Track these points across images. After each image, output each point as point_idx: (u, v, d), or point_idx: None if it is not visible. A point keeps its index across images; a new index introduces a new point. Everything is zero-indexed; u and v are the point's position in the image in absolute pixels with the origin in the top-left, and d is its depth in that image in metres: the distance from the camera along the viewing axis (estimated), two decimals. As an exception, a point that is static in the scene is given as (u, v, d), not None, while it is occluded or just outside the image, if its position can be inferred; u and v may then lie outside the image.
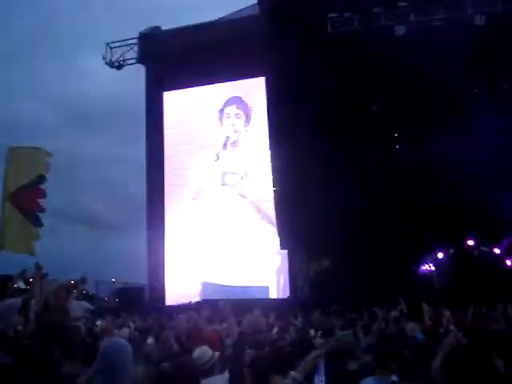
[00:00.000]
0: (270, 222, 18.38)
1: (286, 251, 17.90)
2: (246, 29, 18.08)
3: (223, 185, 19.28)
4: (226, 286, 18.28)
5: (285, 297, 17.92)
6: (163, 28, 21.86)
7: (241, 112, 19.69)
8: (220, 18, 20.82)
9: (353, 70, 15.82)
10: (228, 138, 19.26)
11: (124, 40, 21.51)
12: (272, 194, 18.38)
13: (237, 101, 19.90)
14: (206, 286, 18.76)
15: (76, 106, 62.21)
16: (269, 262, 18.40)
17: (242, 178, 18.98)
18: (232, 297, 16.82)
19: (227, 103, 19.98)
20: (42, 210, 7.36)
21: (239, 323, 6.84)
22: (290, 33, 15.79)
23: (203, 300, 16.55)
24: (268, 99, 18.50)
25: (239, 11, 20.09)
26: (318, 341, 7.27)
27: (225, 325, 6.95)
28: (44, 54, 65.13)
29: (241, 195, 18.98)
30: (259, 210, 18.68)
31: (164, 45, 20.68)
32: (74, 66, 69.79)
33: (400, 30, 15.60)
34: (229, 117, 19.75)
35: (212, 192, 19.50)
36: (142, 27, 21.86)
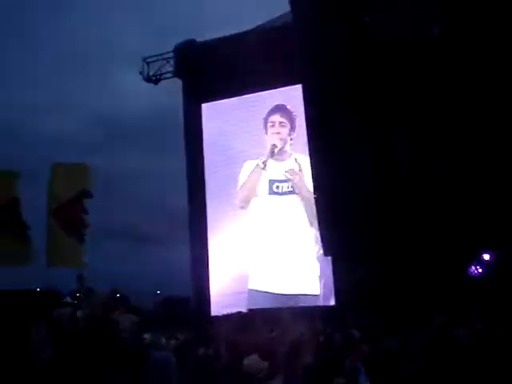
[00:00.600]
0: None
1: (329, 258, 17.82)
2: (281, 37, 18.10)
3: (271, 194, 19.30)
4: (273, 293, 18.30)
5: (331, 304, 17.86)
6: (198, 40, 22.02)
7: (285, 120, 19.70)
8: (255, 27, 20.90)
9: (392, 74, 15.66)
10: (274, 146, 19.25)
11: (160, 54, 21.76)
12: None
13: (281, 109, 19.94)
14: (252, 294, 18.81)
15: (113, 121, 63.10)
16: (316, 270, 18.36)
17: (292, 185, 19.00)
18: (279, 305, 16.88)
19: (271, 111, 20.01)
20: (86, 226, 7.44)
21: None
22: (325, 39, 15.74)
23: (251, 309, 16.58)
24: (305, 106, 18.43)
25: (275, 19, 20.13)
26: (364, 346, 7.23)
27: (274, 333, 6.93)
28: (80, 69, 66.36)
29: (291, 203, 19.06)
30: (310, 215, 18.57)
31: (200, 57, 20.83)
32: (111, 82, 70.81)
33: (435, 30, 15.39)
34: (273, 125, 19.75)
35: (260, 201, 19.56)
36: (178, 40, 22.08)
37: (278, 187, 19.28)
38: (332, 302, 18.07)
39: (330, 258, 17.95)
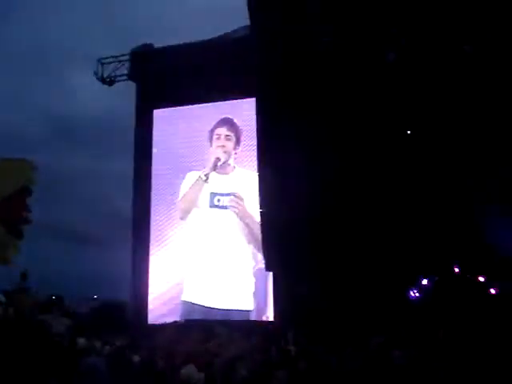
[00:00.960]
0: (259, 247, 18.25)
1: (269, 273, 17.88)
2: (239, 48, 18.16)
3: (211, 206, 19.22)
4: (207, 307, 18.22)
5: (270, 319, 17.87)
6: (155, 46, 21.88)
7: (231, 134, 19.62)
8: (213, 38, 20.89)
9: (346, 94, 15.89)
10: (218, 159, 19.18)
11: (116, 56, 21.55)
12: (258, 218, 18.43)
13: (228, 122, 19.86)
14: (186, 305, 18.71)
15: (63, 120, 61.99)
16: (251, 286, 18.37)
17: (235, 197, 18.93)
18: (212, 318, 16.83)
19: (218, 124, 19.91)
20: (27, 222, 7.27)
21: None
22: (282, 53, 15.86)
23: (187, 320, 16.48)
24: (257, 120, 18.46)
25: (233, 32, 20.17)
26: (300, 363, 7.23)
27: (211, 344, 6.89)
28: (32, 67, 65.05)
29: (231, 217, 18.95)
30: (249, 233, 18.62)
31: (156, 62, 20.74)
32: (63, 81, 69.70)
33: (391, 56, 15.68)
34: (219, 138, 19.64)
35: (200, 213, 19.43)
36: (135, 44, 21.91)
37: (219, 200, 19.24)
38: (265, 318, 18.13)
39: (266, 273, 18.06)
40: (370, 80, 15.81)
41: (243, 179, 19.19)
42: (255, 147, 18.78)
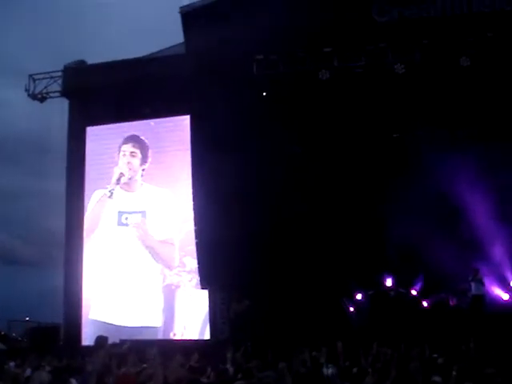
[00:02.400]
0: (166, 264, 18.55)
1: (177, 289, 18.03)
2: (173, 67, 18.16)
3: (119, 225, 19.11)
4: (115, 325, 18.07)
5: (176, 337, 17.87)
6: (89, 62, 21.61)
7: (137, 150, 19.50)
8: (147, 55, 20.81)
9: (277, 112, 16.10)
10: (122, 174, 18.93)
11: (48, 72, 21.15)
12: (171, 235, 18.51)
13: (133, 139, 19.72)
14: (95, 324, 18.54)
15: (-6, 138, 60.37)
16: (160, 303, 18.38)
17: (142, 217, 18.86)
18: (121, 337, 16.69)
19: (124, 141, 19.77)
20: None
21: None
22: (215, 73, 15.95)
23: (121, 340, 16.20)
24: (192, 138, 18.45)
25: (167, 49, 20.14)
26: (239, 383, 7.21)
27: (145, 365, 6.80)
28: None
29: (140, 235, 18.79)
30: (156, 251, 18.63)
31: (89, 79, 20.43)
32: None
33: (324, 75, 15.98)
34: (125, 155, 19.51)
35: (108, 231, 19.25)
36: (67, 60, 21.56)
37: (126, 218, 19.10)
38: (173, 335, 18.11)
39: (173, 290, 18.24)
40: (303, 97, 16.11)
41: (151, 196, 19.13)
42: (170, 164, 19.09)
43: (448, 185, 15.16)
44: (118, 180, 18.72)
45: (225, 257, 15.85)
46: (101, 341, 7.02)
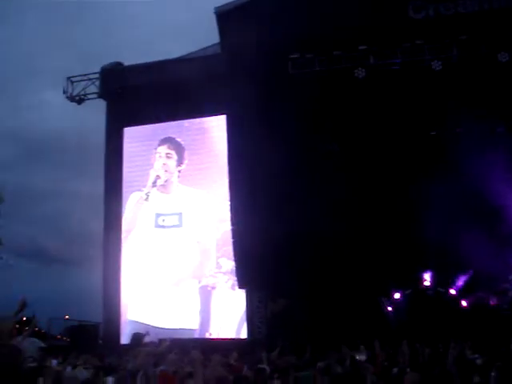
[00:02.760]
0: (202, 265, 18.61)
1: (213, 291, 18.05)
2: (208, 67, 18.23)
3: (156, 227, 19.24)
4: (153, 326, 18.17)
5: (212, 336, 17.92)
6: (126, 64, 21.83)
7: (172, 152, 19.66)
8: (183, 56, 20.94)
9: (313, 111, 16.02)
10: (158, 177, 19.23)
11: (85, 74, 21.43)
12: (208, 236, 18.62)
13: (168, 141, 19.90)
14: (132, 325, 18.70)
15: (32, 139, 61.31)
16: (197, 304, 18.47)
17: (178, 218, 18.94)
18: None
19: (160, 143, 19.97)
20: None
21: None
22: (251, 72, 15.94)
23: (160, 340, 16.33)
24: (228, 138, 18.48)
25: (202, 49, 20.24)
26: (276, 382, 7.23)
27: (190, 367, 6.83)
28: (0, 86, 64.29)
29: (176, 237, 18.89)
30: (193, 253, 18.74)
31: (126, 80, 20.66)
32: (31, 99, 68.99)
33: (360, 73, 15.86)
34: (160, 156, 19.71)
35: (146, 233, 19.45)
36: (105, 62, 21.82)
37: (163, 220, 19.26)
38: (208, 335, 18.25)
39: (209, 291, 18.31)
40: (339, 96, 16.00)
41: (187, 198, 19.27)
42: (208, 164, 19.12)
43: (487, 182, 14.91)
44: (154, 183, 18.90)
45: (262, 256, 15.84)
46: (137, 337, 7.08)
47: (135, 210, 19.52)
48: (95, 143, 22.82)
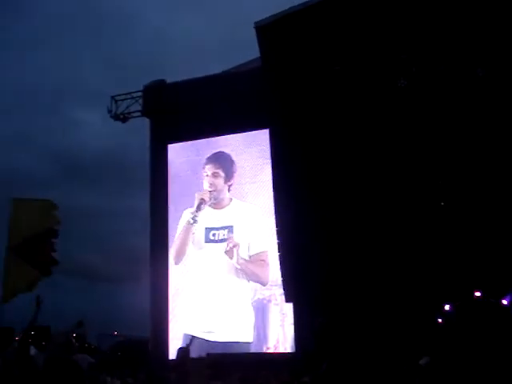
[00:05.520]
0: (257, 279, 18.60)
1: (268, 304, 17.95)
2: (250, 81, 18.31)
3: (207, 242, 19.22)
4: (208, 340, 18.21)
5: (289, 351, 17.77)
6: (168, 81, 22.09)
7: (219, 170, 19.61)
8: (225, 71, 21.10)
9: (357, 121, 15.92)
10: (203, 200, 19.13)
11: (129, 93, 21.79)
12: (261, 249, 18.57)
13: (215, 159, 19.95)
14: (187, 339, 18.74)
15: (76, 158, 62.52)
16: (251, 318, 18.41)
17: (229, 232, 18.89)
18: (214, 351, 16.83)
19: (206, 161, 20.01)
20: (55, 263, 7.31)
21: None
22: (292, 85, 15.94)
23: (209, 354, 16.39)
24: (272, 151, 18.51)
25: (243, 64, 20.36)
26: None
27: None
28: (42, 106, 65.79)
29: (228, 251, 18.71)
30: (246, 266, 18.67)
31: (168, 97, 20.91)
32: (75, 118, 70.45)
33: (402, 82, 15.71)
34: (207, 175, 19.67)
35: (196, 248, 19.48)
36: (147, 80, 22.16)
37: (214, 235, 19.23)
38: (266, 349, 18.19)
39: (265, 305, 18.29)
40: (383, 108, 15.86)
41: (238, 211, 19.27)
42: (256, 179, 19.21)
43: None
44: (199, 207, 18.87)
45: (308, 269, 15.75)
46: (181, 352, 7.09)
47: (182, 234, 19.58)
48: (140, 161, 23.15)
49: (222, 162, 19.73)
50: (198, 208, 18.90)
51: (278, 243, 17.36)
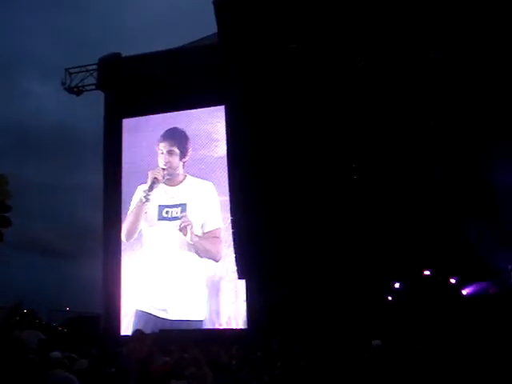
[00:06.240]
0: (207, 255, 18.45)
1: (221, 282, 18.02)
2: (206, 57, 18.19)
3: (160, 219, 19.09)
4: (159, 317, 18.19)
5: (242, 327, 17.87)
6: (123, 55, 21.75)
7: (173, 148, 19.31)
8: (181, 46, 20.87)
9: (312, 98, 16.00)
10: (156, 180, 18.85)
11: (84, 66, 21.38)
12: (214, 227, 18.49)
13: (169, 136, 19.65)
14: (139, 315, 18.70)
15: (28, 130, 61.05)
16: (204, 296, 18.40)
17: (182, 210, 18.81)
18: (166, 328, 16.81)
19: (160, 138, 19.68)
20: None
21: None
22: (249, 62, 15.90)
23: (161, 330, 16.42)
24: (227, 128, 18.47)
25: (200, 39, 20.18)
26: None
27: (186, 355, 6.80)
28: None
29: (182, 228, 18.56)
30: (200, 244, 18.55)
31: (124, 71, 20.61)
32: (27, 90, 68.69)
33: (359, 62, 15.82)
34: (162, 153, 19.36)
35: (149, 226, 19.25)
36: (102, 54, 21.77)
37: (167, 212, 19.06)
38: (218, 326, 18.17)
39: (217, 282, 18.31)
40: (340, 87, 15.96)
41: (192, 189, 19.12)
42: (213, 155, 19.12)
43: (492, 173, 14.86)
44: (151, 186, 18.61)
45: (261, 247, 15.86)
46: (137, 332, 7.06)
47: (134, 213, 19.34)
48: (94, 135, 22.79)
49: (177, 138, 19.50)
50: (151, 187, 18.63)
51: (232, 220, 17.41)
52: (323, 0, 15.47)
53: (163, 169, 18.86)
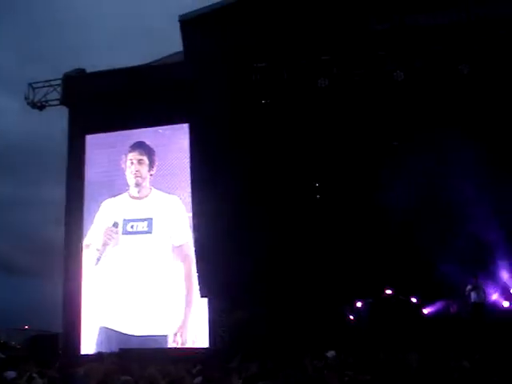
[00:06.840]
0: (175, 271, 18.39)
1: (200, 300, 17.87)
2: (171, 75, 18.22)
3: (124, 233, 19.00)
4: (124, 333, 18.01)
5: (204, 346, 17.73)
6: (88, 71, 21.64)
7: (143, 157, 19.48)
8: (146, 63, 20.86)
9: (276, 119, 16.12)
10: (131, 183, 19.11)
11: (48, 81, 21.20)
12: (180, 242, 18.45)
13: (140, 146, 19.70)
14: (103, 331, 18.56)
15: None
16: (168, 311, 18.25)
17: (148, 225, 18.73)
18: (129, 345, 16.62)
19: (131, 149, 19.74)
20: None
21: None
22: (214, 81, 15.95)
23: (121, 349, 16.21)
24: (190, 146, 18.46)
25: (166, 57, 20.20)
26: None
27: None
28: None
29: (146, 243, 18.64)
30: (164, 258, 18.52)
31: (88, 87, 20.49)
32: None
33: (323, 82, 15.98)
34: (133, 163, 19.49)
35: (115, 240, 19.10)
36: (67, 69, 21.62)
37: (132, 227, 19.01)
38: (182, 342, 18.01)
39: (183, 298, 18.17)
40: (303, 106, 16.11)
41: (158, 203, 19.10)
42: (175, 172, 19.15)
43: (450, 192, 15.10)
44: (126, 190, 18.77)
45: (223, 265, 15.80)
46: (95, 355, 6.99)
47: (104, 218, 19.24)
48: (57, 151, 22.52)
49: (146, 149, 19.50)
50: (125, 190, 18.95)
51: (194, 238, 17.36)
52: (288, 21, 15.62)
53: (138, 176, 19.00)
